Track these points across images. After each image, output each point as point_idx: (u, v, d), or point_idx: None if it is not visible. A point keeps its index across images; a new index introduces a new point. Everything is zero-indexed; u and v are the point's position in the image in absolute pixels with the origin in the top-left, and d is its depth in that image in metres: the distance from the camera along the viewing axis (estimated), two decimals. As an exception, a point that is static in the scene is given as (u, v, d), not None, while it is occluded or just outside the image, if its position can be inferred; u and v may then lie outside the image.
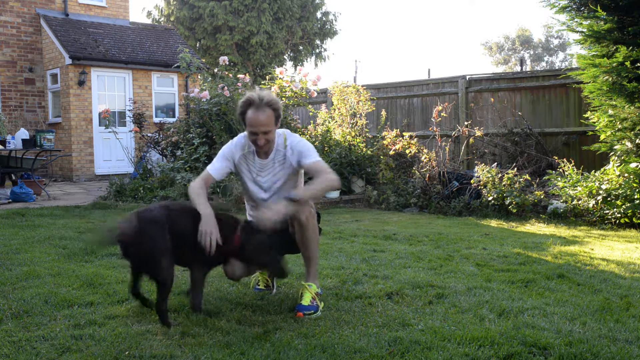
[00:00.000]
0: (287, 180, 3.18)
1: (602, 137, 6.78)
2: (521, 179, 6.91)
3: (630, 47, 6.07)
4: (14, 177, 9.51)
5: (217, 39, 21.08)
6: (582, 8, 6.79)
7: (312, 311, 2.95)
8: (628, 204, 5.89)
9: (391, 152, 8.50)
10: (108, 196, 8.31)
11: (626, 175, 6.12)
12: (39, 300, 3.12)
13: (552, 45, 45.77)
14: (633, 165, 6.08)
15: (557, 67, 33.77)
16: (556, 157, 8.02)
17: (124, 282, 3.53)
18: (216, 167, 3.16)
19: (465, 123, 9.24)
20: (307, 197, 2.96)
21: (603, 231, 5.85)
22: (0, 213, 6.66)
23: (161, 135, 10.38)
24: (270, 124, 3.01)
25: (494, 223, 6.46)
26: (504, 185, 6.91)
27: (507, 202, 6.78)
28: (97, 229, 5.48)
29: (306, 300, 2.99)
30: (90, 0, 14.66)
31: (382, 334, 2.65)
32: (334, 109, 9.76)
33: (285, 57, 23.42)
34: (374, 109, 10.12)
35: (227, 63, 8.96)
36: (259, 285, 3.43)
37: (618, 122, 6.52)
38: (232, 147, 3.19)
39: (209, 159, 8.29)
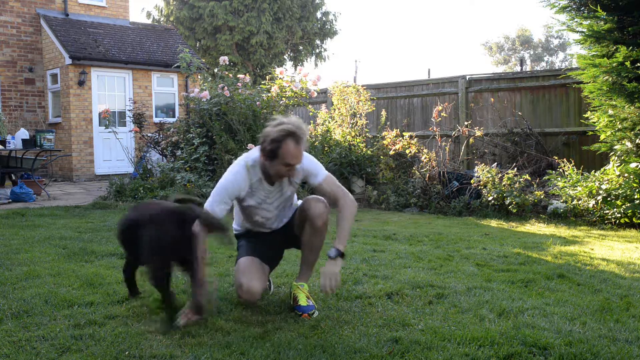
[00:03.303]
0: (289, 198, 3.13)
1: (602, 137, 6.78)
2: (521, 179, 6.91)
3: (630, 47, 6.07)
4: (14, 177, 9.52)
5: (217, 39, 21.07)
6: (582, 8, 6.79)
7: (312, 310, 2.95)
8: (628, 204, 5.89)
9: (391, 152, 8.50)
10: (108, 196, 8.32)
11: (626, 175, 6.12)
12: (39, 300, 3.11)
13: (552, 45, 45.78)
14: (633, 165, 6.08)
15: (557, 67, 33.72)
16: (556, 157, 8.02)
17: (124, 282, 3.52)
18: (216, 212, 2.80)
19: (465, 123, 9.23)
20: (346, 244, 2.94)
21: (603, 231, 5.85)
22: (0, 213, 6.66)
23: (161, 135, 10.39)
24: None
25: (494, 223, 6.46)
26: (504, 185, 6.91)
27: (507, 202, 6.78)
28: None
29: (303, 301, 2.99)
30: (90, 0, 14.66)
31: (382, 334, 2.65)
32: (334, 109, 9.76)
33: (285, 57, 23.41)
34: (374, 109, 10.12)
35: (227, 63, 8.96)
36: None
37: (618, 122, 6.52)
38: (238, 184, 2.88)
39: (209, 159, 8.29)
